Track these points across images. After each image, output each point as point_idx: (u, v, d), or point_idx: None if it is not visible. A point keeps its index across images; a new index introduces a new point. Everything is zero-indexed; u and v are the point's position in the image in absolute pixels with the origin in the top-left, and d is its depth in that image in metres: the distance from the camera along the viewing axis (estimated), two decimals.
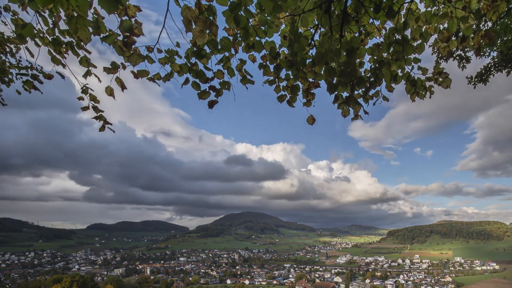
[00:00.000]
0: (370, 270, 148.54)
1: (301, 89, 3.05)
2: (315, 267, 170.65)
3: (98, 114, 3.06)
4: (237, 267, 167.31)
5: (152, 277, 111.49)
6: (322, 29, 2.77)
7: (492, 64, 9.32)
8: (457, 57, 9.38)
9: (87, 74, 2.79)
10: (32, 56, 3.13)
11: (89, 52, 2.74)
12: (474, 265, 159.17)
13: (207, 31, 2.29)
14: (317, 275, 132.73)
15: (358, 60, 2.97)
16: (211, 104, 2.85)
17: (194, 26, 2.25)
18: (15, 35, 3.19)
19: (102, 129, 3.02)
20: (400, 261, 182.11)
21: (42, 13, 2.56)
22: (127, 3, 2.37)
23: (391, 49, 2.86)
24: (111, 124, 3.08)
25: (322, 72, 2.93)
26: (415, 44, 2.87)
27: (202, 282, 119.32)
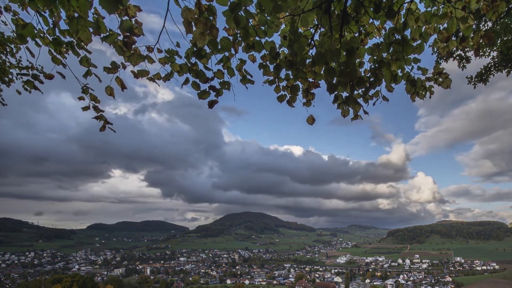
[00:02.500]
0: (370, 270, 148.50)
1: (301, 89, 3.05)
2: (315, 267, 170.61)
3: (99, 114, 3.07)
4: (237, 267, 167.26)
5: (152, 277, 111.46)
6: (322, 29, 2.77)
7: (492, 64, 9.33)
8: (457, 57, 9.38)
9: (87, 74, 2.79)
10: (33, 56, 3.13)
11: (90, 52, 2.74)
12: (474, 265, 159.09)
13: (208, 33, 2.29)
14: (317, 275, 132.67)
15: (358, 60, 2.98)
16: (211, 104, 2.86)
17: (194, 28, 2.25)
18: (15, 35, 3.19)
19: (102, 129, 3.02)
20: (400, 261, 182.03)
21: (43, 13, 2.56)
22: (128, 3, 2.38)
23: (391, 49, 2.87)
24: (111, 124, 3.08)
25: (322, 72, 2.93)
26: (414, 44, 2.88)
27: (202, 282, 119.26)
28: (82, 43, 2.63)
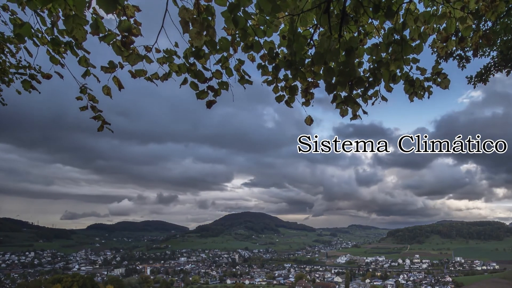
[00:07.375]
0: (370, 270, 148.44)
1: (300, 89, 3.04)
2: (315, 267, 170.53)
3: (97, 114, 3.06)
4: (237, 267, 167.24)
5: (152, 277, 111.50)
6: (321, 29, 2.77)
7: (492, 64, 9.33)
8: (457, 57, 9.38)
9: (86, 74, 2.78)
10: (31, 56, 3.12)
11: (88, 52, 2.74)
12: (474, 265, 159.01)
13: (204, 33, 2.29)
14: (317, 275, 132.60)
15: (357, 60, 2.97)
16: (209, 104, 2.85)
17: (191, 28, 2.25)
18: (13, 35, 3.19)
19: (100, 129, 3.02)
20: (400, 261, 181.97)
21: (41, 12, 2.56)
22: (126, 3, 2.37)
23: (390, 49, 2.86)
24: (109, 124, 3.08)
25: (321, 72, 2.93)
26: (413, 44, 2.88)
27: (202, 282, 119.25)
28: (80, 43, 2.62)
